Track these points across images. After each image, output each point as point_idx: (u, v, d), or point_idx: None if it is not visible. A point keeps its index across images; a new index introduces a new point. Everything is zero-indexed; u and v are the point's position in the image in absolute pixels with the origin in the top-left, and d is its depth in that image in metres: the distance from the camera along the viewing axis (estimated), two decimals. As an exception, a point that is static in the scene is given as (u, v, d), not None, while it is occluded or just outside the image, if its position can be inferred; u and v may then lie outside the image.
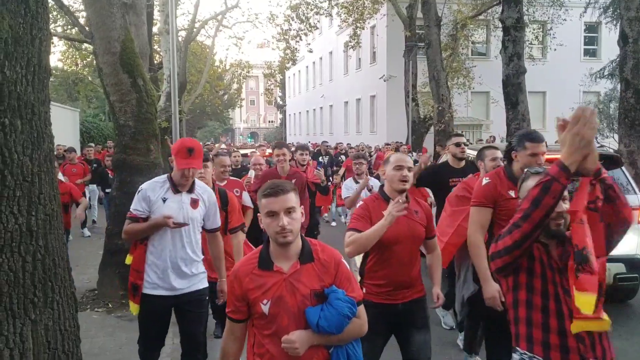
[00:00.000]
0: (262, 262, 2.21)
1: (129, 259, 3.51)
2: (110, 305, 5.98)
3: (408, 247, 3.09)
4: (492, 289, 3.30)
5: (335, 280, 2.21)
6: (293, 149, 7.51)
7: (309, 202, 6.32)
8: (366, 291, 3.11)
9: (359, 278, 6.17)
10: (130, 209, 3.38)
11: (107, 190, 10.22)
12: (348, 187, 6.20)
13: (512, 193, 3.30)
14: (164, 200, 3.34)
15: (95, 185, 11.83)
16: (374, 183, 6.34)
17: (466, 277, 4.03)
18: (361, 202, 3.27)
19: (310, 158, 7.04)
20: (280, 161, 5.65)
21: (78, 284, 4.05)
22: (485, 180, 3.45)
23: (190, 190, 3.44)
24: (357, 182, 6.21)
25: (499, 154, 4.24)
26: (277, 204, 2.14)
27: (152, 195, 3.35)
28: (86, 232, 10.51)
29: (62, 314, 2.77)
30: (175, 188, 3.38)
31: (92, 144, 16.34)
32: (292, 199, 2.18)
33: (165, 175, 3.47)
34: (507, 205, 3.33)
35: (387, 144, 17.22)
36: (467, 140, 11.18)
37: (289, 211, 2.15)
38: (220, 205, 4.06)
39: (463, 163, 5.29)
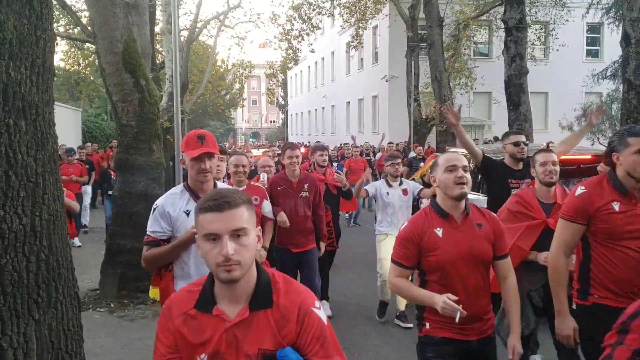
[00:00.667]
0: (202, 300, 1.63)
1: (153, 293, 3.02)
2: (112, 305, 6.00)
3: (471, 270, 2.50)
4: (569, 327, 2.75)
5: (299, 339, 1.57)
6: (304, 150, 6.98)
7: (331, 209, 5.90)
8: (430, 326, 2.55)
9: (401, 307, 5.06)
10: (147, 232, 2.81)
11: (110, 192, 9.56)
12: (379, 191, 5.53)
13: (615, 206, 2.62)
14: (187, 213, 2.76)
15: (89, 187, 11.36)
16: (412, 187, 5.62)
17: (524, 309, 3.36)
18: (406, 224, 2.65)
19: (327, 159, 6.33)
20: (292, 164, 4.99)
21: (80, 284, 4.05)
22: (579, 190, 2.78)
23: None
24: (390, 185, 5.53)
25: (553, 158, 3.61)
26: (221, 223, 1.54)
27: (172, 210, 2.77)
28: (76, 241, 9.57)
29: (65, 314, 2.78)
30: (197, 196, 2.78)
31: (88, 144, 16.01)
32: (243, 216, 1.57)
33: (182, 185, 2.92)
34: (607, 221, 2.63)
35: (390, 143, 17.06)
36: (527, 137, 10.73)
37: (237, 234, 1.54)
38: None
39: (521, 165, 4.58)
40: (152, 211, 2.82)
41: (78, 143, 17.09)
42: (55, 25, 16.31)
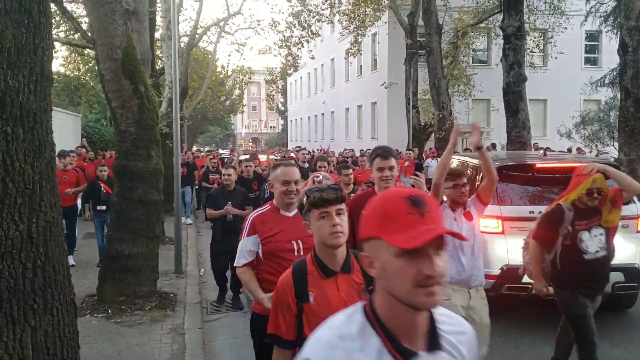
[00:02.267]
0: None
1: None
2: (109, 311, 5.99)
3: None
4: None
5: None
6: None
7: None
8: None
9: None
10: None
11: (101, 208, 8.41)
12: (444, 219, 3.63)
13: None
14: None
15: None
16: (471, 205, 3.95)
17: None
18: None
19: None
20: (385, 179, 3.45)
21: (78, 290, 4.06)
22: None
23: (433, 338, 1.25)
24: (454, 210, 3.86)
25: None
26: None
27: None
28: (70, 260, 8.11)
29: (61, 320, 2.79)
30: (399, 348, 1.21)
31: (73, 152, 14.40)
32: None
33: (358, 310, 1.28)
34: None
35: (410, 150, 15.62)
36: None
37: None
38: None
39: None
40: None
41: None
42: (55, 31, 16.23)
